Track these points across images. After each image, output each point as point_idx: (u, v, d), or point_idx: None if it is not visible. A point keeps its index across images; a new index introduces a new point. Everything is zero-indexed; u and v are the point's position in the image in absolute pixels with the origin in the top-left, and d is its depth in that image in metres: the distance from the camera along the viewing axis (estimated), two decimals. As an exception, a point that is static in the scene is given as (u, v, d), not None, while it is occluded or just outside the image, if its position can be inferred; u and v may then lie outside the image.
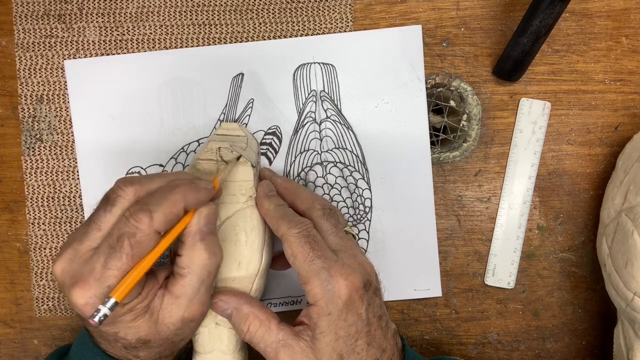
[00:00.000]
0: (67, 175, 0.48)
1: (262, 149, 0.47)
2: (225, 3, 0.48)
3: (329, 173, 0.47)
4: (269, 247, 0.41)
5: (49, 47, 0.47)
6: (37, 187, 0.48)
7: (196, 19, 0.48)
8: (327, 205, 0.40)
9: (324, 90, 0.47)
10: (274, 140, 0.47)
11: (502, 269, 0.48)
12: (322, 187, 0.47)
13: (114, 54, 0.47)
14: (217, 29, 0.48)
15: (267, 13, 0.48)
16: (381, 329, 0.37)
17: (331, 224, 0.38)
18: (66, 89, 0.47)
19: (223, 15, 0.48)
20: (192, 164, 0.41)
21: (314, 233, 0.37)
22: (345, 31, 0.47)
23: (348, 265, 0.36)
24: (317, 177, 0.47)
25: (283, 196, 0.41)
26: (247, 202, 0.40)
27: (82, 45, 0.48)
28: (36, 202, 0.48)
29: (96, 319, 0.31)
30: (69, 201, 0.48)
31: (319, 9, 0.48)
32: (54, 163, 0.48)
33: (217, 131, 0.43)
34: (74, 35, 0.48)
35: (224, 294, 0.37)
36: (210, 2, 0.48)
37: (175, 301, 0.34)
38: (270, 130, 0.47)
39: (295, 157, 0.47)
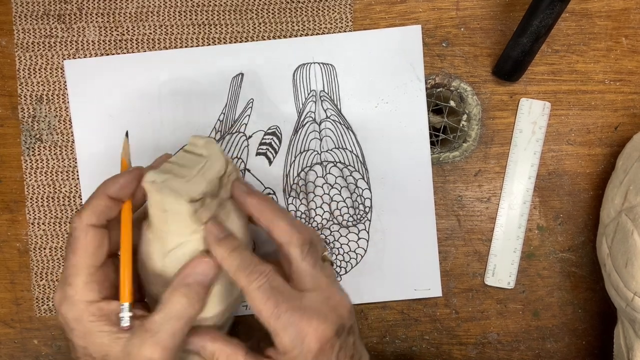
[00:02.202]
0: (67, 175, 0.48)
1: (262, 149, 0.47)
2: (225, 3, 0.48)
3: (329, 173, 0.47)
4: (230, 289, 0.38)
5: (49, 47, 0.47)
6: (37, 187, 0.48)
7: (196, 19, 0.48)
8: (308, 238, 0.36)
9: (323, 90, 0.47)
10: (273, 140, 0.47)
11: (502, 269, 0.48)
12: (322, 187, 0.47)
13: (113, 54, 0.47)
14: (217, 29, 0.48)
15: (267, 13, 0.48)
16: None
17: (309, 263, 0.35)
18: (66, 89, 0.47)
19: (223, 15, 0.48)
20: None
21: (277, 283, 0.34)
22: (345, 31, 0.47)
23: (318, 313, 0.34)
24: (317, 177, 0.47)
25: (257, 220, 0.37)
26: (192, 235, 0.36)
27: (82, 45, 0.48)
28: (36, 202, 0.48)
29: (123, 324, 0.34)
30: (69, 201, 0.48)
31: (319, 9, 0.48)
32: (54, 163, 0.48)
33: (186, 147, 0.38)
34: (74, 35, 0.48)
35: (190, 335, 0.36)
36: (210, 2, 0.48)
37: (143, 334, 0.33)
38: (270, 130, 0.47)
39: (295, 157, 0.47)
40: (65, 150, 0.48)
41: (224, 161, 0.36)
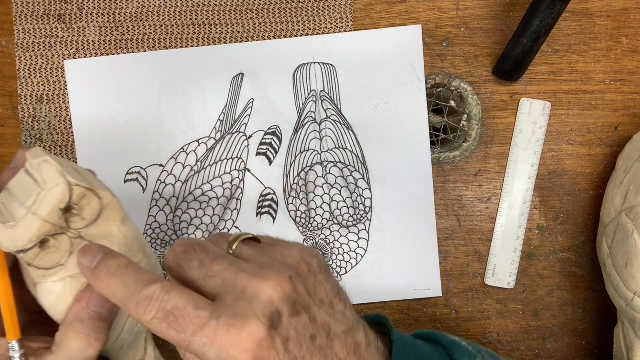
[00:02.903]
0: (67, 175, 0.48)
1: (262, 149, 0.47)
2: (225, 3, 0.48)
3: (329, 173, 0.47)
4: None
5: (49, 47, 0.47)
6: (37, 187, 0.48)
7: (196, 19, 0.48)
8: (184, 242, 0.29)
9: (324, 90, 0.47)
10: (274, 140, 0.47)
11: (502, 269, 0.48)
12: (322, 187, 0.47)
13: (114, 54, 0.47)
14: (217, 29, 0.48)
15: (267, 13, 0.48)
16: (319, 348, 0.28)
17: (195, 266, 0.28)
18: (66, 89, 0.47)
19: (223, 15, 0.48)
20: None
21: (171, 306, 0.26)
22: (345, 31, 0.47)
23: (236, 317, 0.26)
24: (317, 177, 0.47)
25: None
26: (48, 275, 0.30)
27: (82, 45, 0.48)
28: (36, 202, 0.48)
29: None
30: (69, 201, 0.48)
31: (319, 9, 0.48)
32: (54, 163, 0.48)
33: (27, 164, 0.30)
34: (74, 35, 0.48)
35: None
36: (210, 2, 0.48)
37: None
38: (270, 130, 0.47)
39: (295, 157, 0.47)
40: (65, 150, 0.48)
41: (65, 187, 0.29)
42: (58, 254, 0.30)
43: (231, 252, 0.30)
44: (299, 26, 0.48)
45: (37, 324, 0.32)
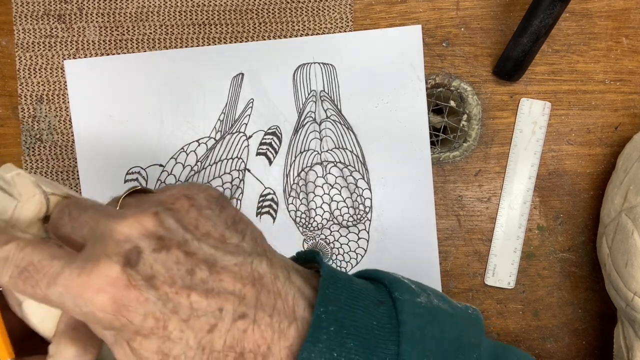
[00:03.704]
0: (67, 175, 0.48)
1: (262, 149, 0.47)
2: (225, 3, 0.48)
3: (329, 173, 0.47)
4: None
5: (49, 47, 0.47)
6: (37, 187, 0.48)
7: (196, 19, 0.48)
8: (62, 203, 0.28)
9: (324, 90, 0.47)
10: (274, 140, 0.47)
11: (502, 269, 0.48)
12: (322, 187, 0.47)
13: (114, 54, 0.47)
14: (217, 29, 0.48)
15: (267, 13, 0.48)
16: (201, 282, 0.25)
17: (66, 221, 0.27)
18: (66, 89, 0.47)
19: (223, 15, 0.48)
20: None
21: (26, 262, 0.25)
22: (345, 31, 0.47)
23: (87, 260, 0.24)
24: (317, 177, 0.47)
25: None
26: None
27: (82, 45, 0.48)
28: (36, 202, 0.48)
29: None
30: (69, 201, 0.48)
31: (319, 9, 0.48)
32: (54, 163, 0.48)
33: None
34: (74, 35, 0.48)
35: None
36: (210, 2, 0.48)
37: None
38: (270, 130, 0.47)
39: (295, 157, 0.47)
40: (65, 150, 0.48)
41: (41, 197, 0.29)
42: None
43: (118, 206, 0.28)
44: (299, 26, 0.48)
45: (26, 349, 0.32)
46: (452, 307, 0.30)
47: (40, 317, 0.29)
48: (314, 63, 0.47)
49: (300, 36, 0.47)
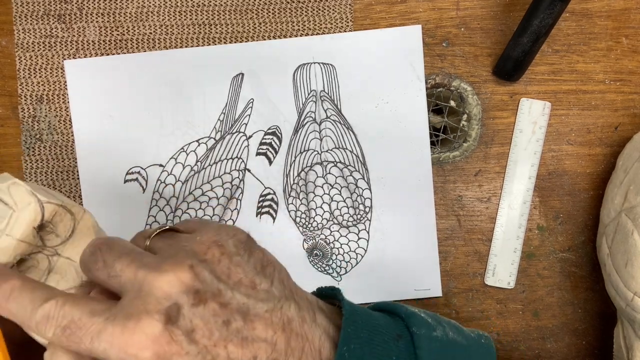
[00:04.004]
0: (67, 175, 0.48)
1: (262, 149, 0.47)
2: (225, 3, 0.48)
3: (329, 173, 0.47)
4: None
5: (49, 47, 0.47)
6: (37, 187, 0.48)
7: (196, 19, 0.48)
8: (93, 242, 0.29)
9: (324, 90, 0.47)
10: (274, 140, 0.47)
11: (502, 269, 0.48)
12: (322, 187, 0.47)
13: (114, 54, 0.47)
14: (217, 29, 0.48)
15: (267, 13, 0.48)
16: (235, 332, 0.26)
17: (100, 267, 0.28)
18: (66, 89, 0.47)
19: (223, 15, 0.48)
20: None
21: (67, 320, 0.26)
22: (345, 31, 0.47)
23: (129, 318, 0.25)
24: (317, 177, 0.47)
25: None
26: None
27: (82, 45, 0.48)
28: (36, 202, 0.48)
29: None
30: (69, 201, 0.48)
31: (319, 9, 0.48)
32: (54, 163, 0.48)
33: None
34: (74, 35, 0.48)
35: None
36: (210, 2, 0.48)
37: None
38: (270, 130, 0.47)
39: (295, 157, 0.47)
40: (65, 150, 0.48)
41: (37, 205, 0.29)
42: (37, 273, 0.30)
43: (146, 248, 0.29)
44: (299, 26, 0.48)
45: (23, 356, 0.32)
46: (466, 339, 0.32)
47: None
48: (314, 63, 0.47)
49: (300, 36, 0.47)
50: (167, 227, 0.30)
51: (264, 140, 0.47)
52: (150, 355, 0.25)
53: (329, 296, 0.32)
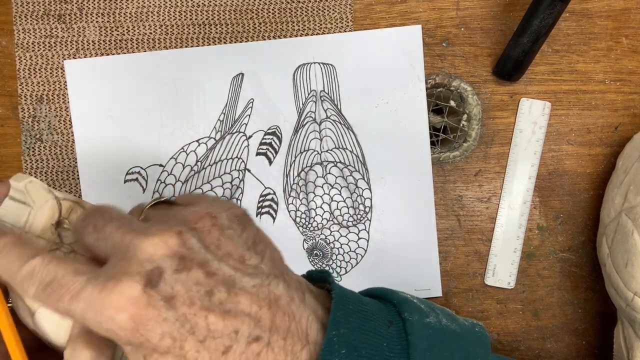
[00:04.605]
0: (67, 175, 0.48)
1: (262, 149, 0.47)
2: (225, 3, 0.48)
3: (329, 173, 0.47)
4: None
5: (49, 47, 0.47)
6: (37, 187, 0.48)
7: (196, 19, 0.48)
8: (87, 209, 0.29)
9: (324, 90, 0.47)
10: (274, 140, 0.47)
11: (502, 269, 0.48)
12: (322, 187, 0.47)
13: (114, 54, 0.47)
14: (217, 29, 0.48)
15: (267, 13, 0.48)
16: (218, 304, 0.26)
17: (90, 231, 0.28)
18: (66, 89, 0.47)
19: (223, 15, 0.48)
20: None
21: (50, 277, 0.26)
22: (345, 31, 0.47)
23: (110, 279, 0.25)
24: (317, 177, 0.47)
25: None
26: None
27: (82, 45, 0.48)
28: (36, 202, 0.48)
29: None
30: (69, 201, 0.48)
31: (319, 9, 0.48)
32: (54, 163, 0.48)
33: (11, 192, 0.31)
34: (74, 35, 0.48)
35: None
36: (210, 2, 0.48)
37: None
38: (270, 130, 0.47)
39: (295, 157, 0.47)
40: (65, 150, 0.48)
41: (54, 202, 0.30)
42: None
43: (141, 218, 0.29)
44: (299, 26, 0.48)
45: None
46: (460, 326, 0.31)
47: (55, 323, 0.30)
48: (314, 63, 0.47)
49: (300, 36, 0.47)
50: (164, 199, 0.30)
51: (264, 140, 0.47)
52: (126, 319, 0.24)
53: (320, 280, 0.32)
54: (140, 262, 0.25)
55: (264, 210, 0.47)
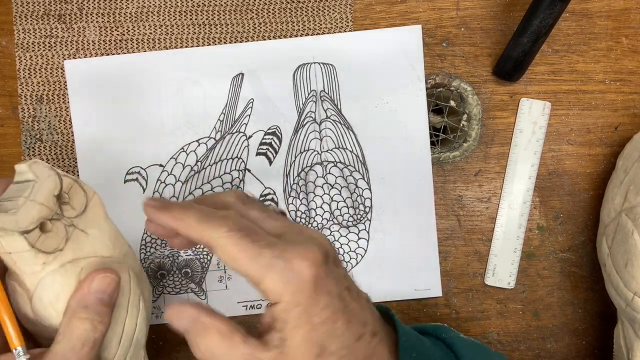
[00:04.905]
0: (67, 175, 0.48)
1: (262, 149, 0.47)
2: (225, 3, 0.48)
3: (329, 173, 0.47)
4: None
5: (49, 47, 0.47)
6: (37, 187, 0.48)
7: (196, 19, 0.48)
8: (240, 193, 0.33)
9: (324, 90, 0.47)
10: (274, 140, 0.47)
11: (502, 269, 0.48)
12: (322, 187, 0.47)
13: (114, 54, 0.47)
14: (217, 29, 0.48)
15: (267, 13, 0.48)
16: (355, 300, 0.31)
17: (258, 209, 0.32)
18: (66, 89, 0.47)
19: (223, 15, 0.48)
20: None
21: (245, 223, 0.30)
22: (345, 31, 0.47)
23: (299, 243, 0.29)
24: (317, 177, 0.47)
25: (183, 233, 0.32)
26: (46, 268, 0.32)
27: (82, 45, 0.48)
28: (36, 202, 0.48)
29: None
30: (69, 201, 0.48)
31: (319, 9, 0.48)
32: (54, 163, 0.48)
33: (15, 177, 0.34)
34: (74, 35, 0.48)
35: (178, 304, 0.31)
36: (210, 2, 0.48)
37: None
38: (270, 130, 0.47)
39: (295, 157, 0.47)
40: (65, 150, 0.48)
41: (56, 177, 0.33)
42: (56, 239, 0.32)
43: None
44: (299, 26, 0.48)
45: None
46: None
47: (54, 293, 0.32)
48: (314, 63, 0.47)
49: (300, 36, 0.47)
50: (269, 204, 0.36)
51: (264, 140, 0.47)
52: (311, 275, 0.28)
53: (378, 309, 0.35)
54: (322, 244, 0.30)
55: (264, 210, 0.47)
